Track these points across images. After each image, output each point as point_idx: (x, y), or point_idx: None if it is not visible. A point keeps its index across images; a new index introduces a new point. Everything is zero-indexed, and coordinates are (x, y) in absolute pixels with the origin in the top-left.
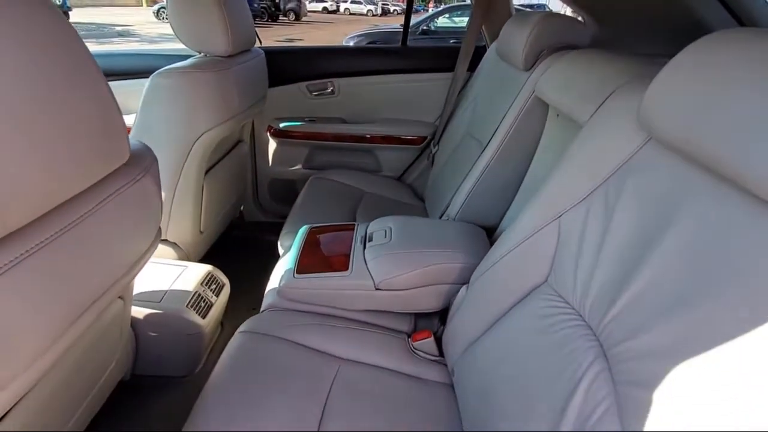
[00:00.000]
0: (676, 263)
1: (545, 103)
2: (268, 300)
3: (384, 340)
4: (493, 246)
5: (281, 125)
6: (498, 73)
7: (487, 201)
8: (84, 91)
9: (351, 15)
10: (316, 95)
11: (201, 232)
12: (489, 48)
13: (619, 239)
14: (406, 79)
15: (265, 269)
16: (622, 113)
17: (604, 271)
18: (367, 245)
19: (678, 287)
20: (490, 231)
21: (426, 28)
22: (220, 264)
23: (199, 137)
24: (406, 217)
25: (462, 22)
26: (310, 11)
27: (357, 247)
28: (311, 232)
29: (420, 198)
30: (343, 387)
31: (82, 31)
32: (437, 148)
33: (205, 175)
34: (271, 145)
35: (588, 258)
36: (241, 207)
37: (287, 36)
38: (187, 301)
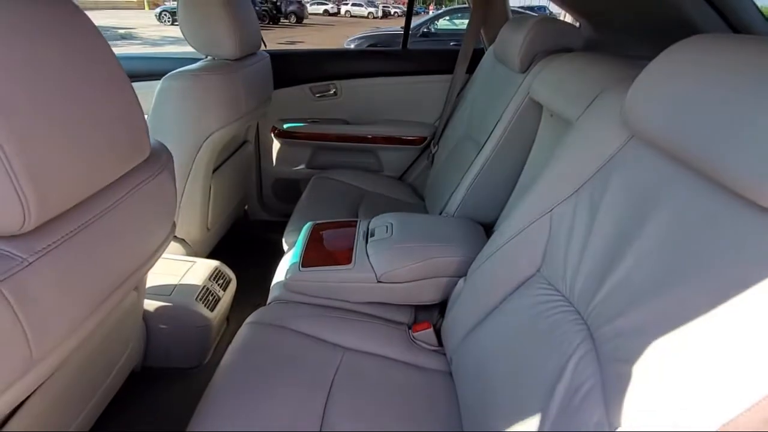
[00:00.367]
0: (653, 253)
1: (539, 104)
2: (275, 292)
3: (386, 331)
4: (489, 239)
5: (285, 126)
6: (495, 75)
7: (484, 198)
8: (113, 91)
9: (352, 17)
10: (320, 97)
11: (208, 229)
12: (487, 51)
13: (604, 231)
14: (407, 81)
15: (269, 266)
16: (607, 113)
17: (590, 260)
18: (369, 240)
19: (654, 274)
20: (489, 227)
21: (426, 30)
22: (226, 261)
23: (207, 137)
24: (406, 214)
25: (462, 24)
26: (311, 14)
27: (359, 241)
28: (315, 229)
29: (420, 197)
30: (347, 374)
31: None
32: (437, 148)
33: (212, 174)
34: (275, 145)
35: (576, 249)
36: (246, 206)
37: (289, 39)
38: (196, 294)
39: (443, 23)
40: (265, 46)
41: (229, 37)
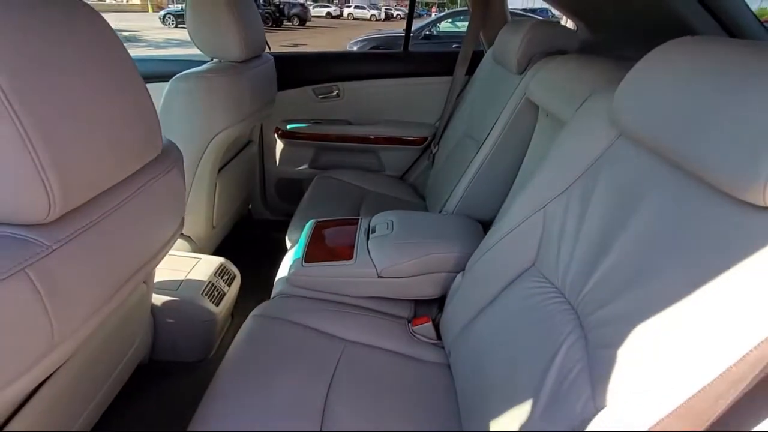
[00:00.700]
0: (637, 245)
1: (535, 105)
2: (278, 287)
3: (386, 325)
4: (486, 235)
5: (288, 127)
6: (493, 77)
7: (482, 196)
8: (129, 89)
9: (354, 20)
10: (322, 98)
11: (213, 227)
12: (486, 53)
13: (593, 226)
14: (408, 82)
15: (272, 264)
16: (597, 113)
17: (580, 253)
18: (371, 236)
19: (637, 266)
20: (487, 224)
21: (429, 32)
22: (230, 258)
23: (213, 137)
24: (407, 212)
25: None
26: (314, 16)
27: (361, 238)
28: (318, 226)
29: (421, 196)
30: (348, 366)
31: None
32: (437, 148)
33: (217, 173)
34: (279, 145)
35: (568, 242)
36: (249, 205)
37: (292, 41)
38: (202, 289)
39: (445, 25)
40: (270, 48)
41: (235, 40)
